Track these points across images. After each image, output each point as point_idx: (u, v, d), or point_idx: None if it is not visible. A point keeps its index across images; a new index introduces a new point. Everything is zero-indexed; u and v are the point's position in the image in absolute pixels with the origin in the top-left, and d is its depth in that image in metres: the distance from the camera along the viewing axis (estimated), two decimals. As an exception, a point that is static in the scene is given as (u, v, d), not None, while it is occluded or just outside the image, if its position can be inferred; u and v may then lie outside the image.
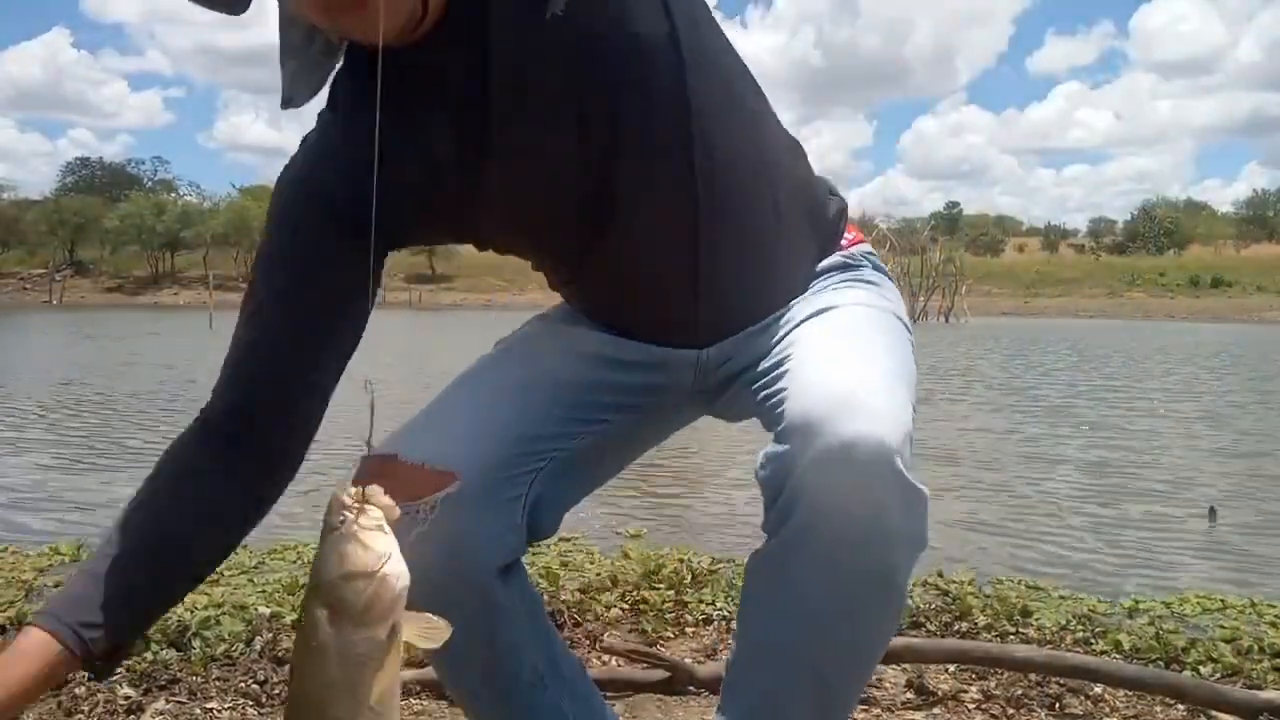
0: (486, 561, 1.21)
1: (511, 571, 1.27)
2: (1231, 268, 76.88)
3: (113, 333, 24.96)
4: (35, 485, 6.19)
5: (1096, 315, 54.97)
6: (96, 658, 1.01)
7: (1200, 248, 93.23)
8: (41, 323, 36.85)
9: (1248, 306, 64.06)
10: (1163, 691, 2.36)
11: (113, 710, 2.23)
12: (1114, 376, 15.97)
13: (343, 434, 2.95)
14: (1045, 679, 2.42)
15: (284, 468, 1.18)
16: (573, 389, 1.31)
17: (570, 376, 1.31)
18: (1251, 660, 2.68)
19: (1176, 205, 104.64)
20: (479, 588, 1.21)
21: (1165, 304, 67.49)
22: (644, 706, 2.36)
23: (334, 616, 0.80)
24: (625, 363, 1.33)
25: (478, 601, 1.21)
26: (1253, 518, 5.61)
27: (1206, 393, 13.58)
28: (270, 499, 1.19)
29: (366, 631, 0.80)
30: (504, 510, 1.20)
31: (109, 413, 10.01)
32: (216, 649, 2.56)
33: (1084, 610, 3.15)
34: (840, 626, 1.11)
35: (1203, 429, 9.60)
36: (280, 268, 1.17)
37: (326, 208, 1.14)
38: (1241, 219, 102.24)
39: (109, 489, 6.08)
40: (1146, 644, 2.76)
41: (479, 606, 1.21)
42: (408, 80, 1.07)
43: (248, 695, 2.33)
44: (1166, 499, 6.10)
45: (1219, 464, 7.52)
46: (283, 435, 1.16)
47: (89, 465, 6.99)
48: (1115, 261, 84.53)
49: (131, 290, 69.04)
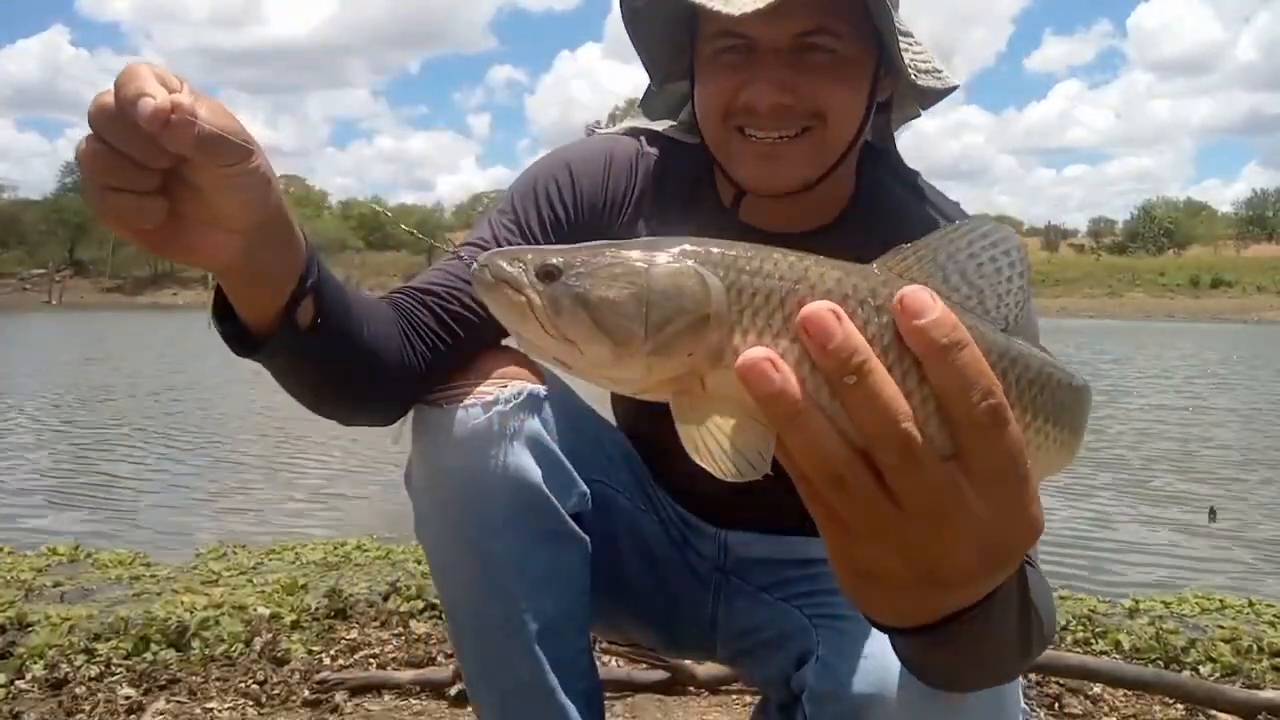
0: (562, 482, 1.18)
1: (579, 520, 1.22)
2: (1231, 268, 76.91)
3: (113, 334, 24.99)
4: (34, 485, 6.19)
5: (1096, 315, 55.00)
6: (302, 296, 0.97)
7: (1200, 248, 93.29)
8: (41, 323, 36.85)
9: (1248, 306, 64.14)
10: (1162, 691, 2.36)
11: (113, 710, 2.23)
12: (1113, 376, 15.96)
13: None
14: (1045, 678, 2.43)
15: (413, 363, 1.17)
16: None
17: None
18: (1251, 660, 2.68)
19: (1176, 205, 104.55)
20: (548, 504, 1.16)
21: (1165, 304, 67.57)
22: (644, 706, 2.36)
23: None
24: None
25: (550, 523, 1.17)
26: (1253, 518, 5.61)
27: (1207, 393, 13.58)
28: (402, 375, 1.16)
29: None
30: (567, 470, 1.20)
31: (109, 413, 10.00)
32: (216, 649, 2.56)
33: (1084, 610, 3.15)
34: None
35: (1203, 429, 9.59)
36: (518, 231, 1.26)
37: (585, 215, 1.27)
38: (1241, 219, 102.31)
39: (108, 489, 6.08)
40: (1146, 644, 2.77)
41: (548, 528, 1.17)
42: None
43: (248, 695, 2.33)
44: (1167, 499, 6.10)
45: (1219, 464, 7.52)
46: (427, 342, 1.18)
47: (88, 465, 6.98)
48: (1115, 261, 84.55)
49: (131, 290, 68.99)
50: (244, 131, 0.77)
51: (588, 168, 1.30)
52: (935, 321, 0.53)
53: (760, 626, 1.35)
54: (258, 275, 0.93)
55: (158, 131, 0.71)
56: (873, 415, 0.53)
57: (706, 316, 0.56)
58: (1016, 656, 0.82)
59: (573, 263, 0.59)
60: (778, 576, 1.35)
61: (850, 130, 1.19)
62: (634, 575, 1.36)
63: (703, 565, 1.39)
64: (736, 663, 1.49)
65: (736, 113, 1.17)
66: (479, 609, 1.18)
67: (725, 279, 0.57)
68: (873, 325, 0.56)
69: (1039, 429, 0.61)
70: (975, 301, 0.60)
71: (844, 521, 0.57)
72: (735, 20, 1.10)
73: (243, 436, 8.44)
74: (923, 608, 0.63)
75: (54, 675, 2.39)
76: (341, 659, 2.58)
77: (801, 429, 0.54)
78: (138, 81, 0.71)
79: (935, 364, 0.54)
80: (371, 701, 2.34)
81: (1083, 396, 0.66)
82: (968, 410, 0.54)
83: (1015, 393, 0.58)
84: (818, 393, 0.55)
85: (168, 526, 5.03)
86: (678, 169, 1.31)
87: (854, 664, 1.10)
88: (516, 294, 0.59)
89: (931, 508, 0.55)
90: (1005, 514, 0.57)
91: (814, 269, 0.57)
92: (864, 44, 1.16)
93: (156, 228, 0.78)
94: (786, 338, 0.55)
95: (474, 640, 1.20)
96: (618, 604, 1.36)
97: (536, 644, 1.16)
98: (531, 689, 1.18)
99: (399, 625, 2.83)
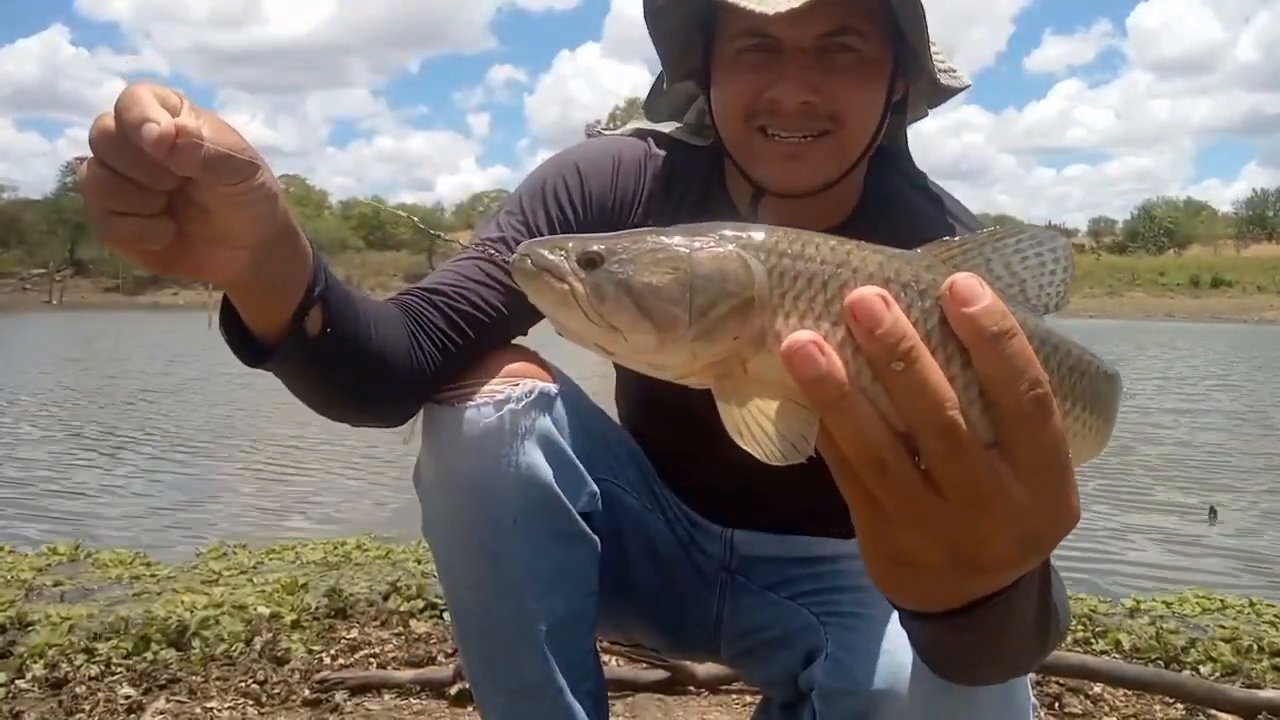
0: (573, 481, 1.18)
1: (588, 520, 1.22)
2: (1231, 267, 76.87)
3: (113, 334, 25.00)
4: (34, 486, 6.19)
5: (1096, 315, 54.98)
6: (311, 304, 0.97)
7: (1200, 247, 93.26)
8: (41, 323, 36.85)
9: (1248, 306, 64.10)
10: (1162, 691, 2.36)
11: (113, 710, 2.23)
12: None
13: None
14: (1045, 678, 2.43)
15: (422, 364, 1.17)
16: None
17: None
18: (1251, 659, 2.69)
19: (1176, 205, 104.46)
20: (560, 504, 1.16)
21: (1165, 304, 67.52)
22: (644, 706, 2.36)
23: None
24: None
25: (561, 522, 1.16)
26: (1253, 518, 5.61)
27: (1207, 392, 13.58)
28: (406, 372, 1.15)
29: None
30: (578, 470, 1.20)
31: (109, 413, 10.00)
32: (216, 649, 2.56)
33: (1084, 610, 3.15)
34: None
35: (1203, 428, 9.59)
36: (526, 231, 1.25)
37: (594, 216, 1.28)
38: (1241, 219, 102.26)
39: (107, 489, 6.09)
40: (1146, 644, 2.77)
41: (559, 528, 1.16)
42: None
43: (248, 695, 2.33)
44: (1167, 498, 6.11)
45: (1220, 463, 7.52)
46: (436, 342, 1.18)
47: (87, 465, 6.98)
48: (1115, 261, 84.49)
49: (131, 290, 68.90)
50: (249, 148, 0.76)
51: (596, 169, 1.30)
52: (985, 309, 0.53)
53: (766, 625, 1.35)
54: (266, 288, 0.92)
55: (164, 157, 0.70)
56: (919, 402, 0.53)
57: (750, 300, 0.56)
58: (1033, 648, 0.82)
59: (615, 250, 0.58)
60: (784, 575, 1.35)
61: (868, 132, 1.20)
62: (640, 575, 1.36)
63: (709, 564, 1.39)
64: (739, 663, 1.49)
65: (760, 113, 1.17)
66: (488, 608, 1.17)
67: (767, 263, 0.57)
68: (915, 310, 0.56)
69: (1078, 417, 0.61)
70: (1017, 289, 0.60)
71: (882, 507, 0.57)
72: (767, 20, 1.10)
73: (243, 435, 8.44)
74: (954, 593, 0.63)
75: (54, 675, 2.39)
76: (342, 658, 2.58)
77: (845, 413, 0.54)
78: (140, 106, 0.70)
79: (983, 352, 0.54)
80: (372, 701, 2.34)
81: (1116, 385, 0.66)
82: (1014, 399, 0.54)
83: (1057, 380, 0.58)
84: (860, 376, 0.55)
85: (168, 526, 5.03)
86: (686, 170, 1.32)
87: (865, 660, 1.11)
88: (559, 282, 0.58)
89: (973, 495, 0.55)
90: (1046, 502, 0.57)
91: (856, 253, 0.57)
92: (884, 44, 1.17)
93: (164, 248, 0.78)
94: (828, 321, 0.56)
95: (481, 640, 1.20)
96: (623, 604, 1.36)
97: (545, 644, 1.16)
98: (539, 689, 1.18)
99: (399, 625, 2.83)
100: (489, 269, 1.22)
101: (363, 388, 1.12)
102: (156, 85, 0.73)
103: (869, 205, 1.29)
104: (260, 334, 0.98)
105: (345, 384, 1.10)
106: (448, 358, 1.18)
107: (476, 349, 1.19)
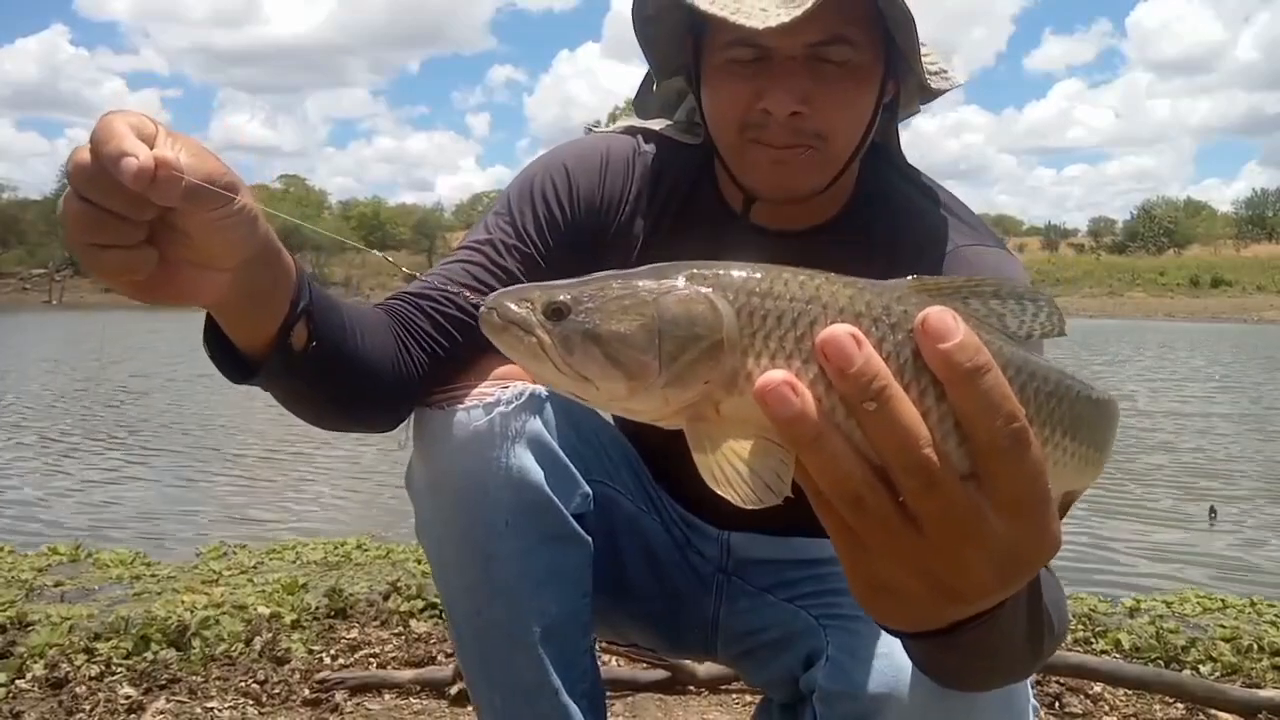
0: (564, 482, 1.18)
1: (581, 521, 1.21)
2: (1231, 267, 76.95)
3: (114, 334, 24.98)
4: (33, 486, 6.19)
5: (1097, 315, 55.02)
6: (294, 320, 0.97)
7: (1200, 247, 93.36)
8: (41, 323, 36.83)
9: (1248, 306, 64.12)
10: (1162, 690, 2.37)
11: (113, 709, 2.23)
12: (1112, 376, 15.96)
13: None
14: (1045, 678, 2.43)
15: (411, 370, 1.17)
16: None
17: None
18: (1251, 659, 2.68)
19: (1176, 205, 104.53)
20: (551, 505, 1.16)
21: (1165, 303, 67.55)
22: (644, 706, 2.36)
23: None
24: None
25: (553, 523, 1.16)
26: (1253, 517, 5.62)
27: (1207, 393, 13.58)
28: (392, 382, 1.15)
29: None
30: (571, 473, 1.20)
31: (108, 413, 10.00)
32: (216, 649, 2.56)
33: (1084, 610, 3.15)
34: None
35: (1203, 429, 9.59)
36: (513, 232, 1.25)
37: (582, 214, 1.27)
38: (1241, 219, 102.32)
39: (107, 489, 6.09)
40: (1146, 643, 2.77)
41: (551, 530, 1.16)
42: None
43: (248, 695, 2.33)
44: (1167, 499, 6.11)
45: (1219, 463, 7.53)
46: (424, 347, 1.18)
47: (87, 465, 6.98)
48: (1115, 261, 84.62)
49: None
50: (228, 172, 0.76)
51: (584, 166, 1.30)
52: (959, 345, 0.53)
53: (764, 627, 1.34)
54: (249, 306, 0.92)
55: (144, 190, 0.70)
56: (892, 440, 0.53)
57: (720, 342, 0.55)
58: (1027, 656, 0.82)
59: (580, 298, 0.58)
60: (781, 577, 1.35)
61: (854, 140, 1.19)
62: (636, 576, 1.36)
63: (705, 566, 1.39)
64: (738, 664, 1.48)
65: (752, 124, 1.16)
66: (481, 610, 1.17)
67: (735, 302, 0.56)
68: (888, 343, 0.55)
69: (1056, 444, 0.60)
70: (994, 320, 0.59)
71: (860, 540, 0.57)
72: (759, 33, 1.10)
73: (244, 435, 8.45)
74: (935, 617, 0.64)
75: (54, 675, 2.39)
76: (342, 658, 2.58)
77: (821, 451, 0.53)
78: (116, 139, 0.70)
79: (957, 389, 0.53)
80: (372, 701, 2.34)
81: (1105, 410, 0.64)
82: (990, 434, 0.54)
83: (1033, 407, 0.58)
84: (835, 413, 0.54)
85: (168, 525, 5.03)
86: (675, 168, 1.31)
87: (866, 663, 1.10)
88: (527, 335, 0.58)
89: (951, 528, 0.55)
90: (1025, 532, 0.57)
91: (825, 287, 0.56)
92: (875, 49, 1.16)
93: (147, 276, 0.78)
94: (800, 359, 0.55)
95: (476, 642, 1.20)
96: (619, 605, 1.36)
97: (540, 645, 1.16)
98: (535, 690, 1.18)
99: (399, 625, 2.83)
100: (476, 272, 1.22)
101: (352, 398, 1.12)
102: (131, 113, 0.73)
103: (861, 200, 1.30)
104: (246, 351, 0.98)
105: (334, 395, 1.10)
106: (436, 362, 1.18)
107: (465, 352, 1.19)
